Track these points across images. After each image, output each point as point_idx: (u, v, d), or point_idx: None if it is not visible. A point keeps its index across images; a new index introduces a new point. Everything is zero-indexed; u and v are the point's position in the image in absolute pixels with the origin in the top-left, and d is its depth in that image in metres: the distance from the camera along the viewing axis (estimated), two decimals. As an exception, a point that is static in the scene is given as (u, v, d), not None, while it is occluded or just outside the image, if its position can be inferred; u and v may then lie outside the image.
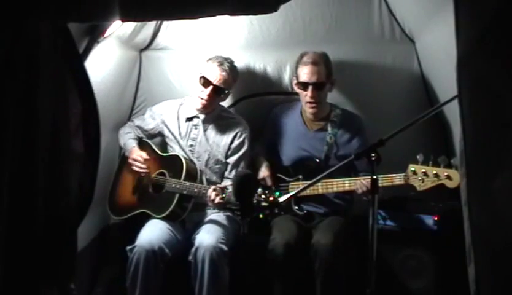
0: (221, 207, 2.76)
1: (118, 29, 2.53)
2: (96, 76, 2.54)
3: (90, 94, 1.80)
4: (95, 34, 2.16)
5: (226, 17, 1.89)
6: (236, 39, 3.24)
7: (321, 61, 2.83)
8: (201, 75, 2.86)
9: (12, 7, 1.57)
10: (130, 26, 2.79)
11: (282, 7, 1.74)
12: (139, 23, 2.86)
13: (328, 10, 3.13)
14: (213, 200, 2.64)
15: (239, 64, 3.25)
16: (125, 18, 1.75)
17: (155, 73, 3.35)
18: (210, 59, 2.91)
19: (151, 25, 3.12)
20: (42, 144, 1.66)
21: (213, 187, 2.68)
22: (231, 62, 2.91)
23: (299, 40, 3.18)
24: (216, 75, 2.83)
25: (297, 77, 2.87)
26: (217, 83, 2.84)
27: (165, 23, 3.20)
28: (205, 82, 2.84)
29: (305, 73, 2.81)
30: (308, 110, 2.88)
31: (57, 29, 1.69)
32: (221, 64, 2.85)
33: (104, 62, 2.71)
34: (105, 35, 2.32)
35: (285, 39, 3.21)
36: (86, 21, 1.93)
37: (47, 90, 1.66)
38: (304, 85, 2.82)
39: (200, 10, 1.71)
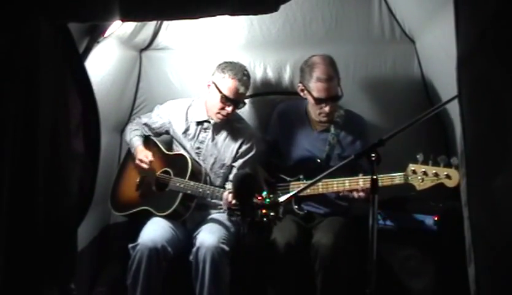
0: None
1: (118, 29, 2.53)
2: (96, 76, 2.54)
3: (90, 94, 1.80)
4: (95, 34, 2.16)
5: (226, 17, 1.89)
6: (236, 39, 3.24)
7: (334, 72, 2.78)
8: (222, 94, 2.78)
9: (12, 7, 1.57)
10: (130, 26, 2.79)
11: (282, 7, 1.74)
12: (139, 23, 2.86)
13: (328, 10, 3.13)
14: (230, 202, 2.60)
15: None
16: (125, 18, 1.75)
17: (155, 73, 3.35)
18: (223, 69, 2.82)
19: (151, 25, 3.12)
20: (42, 144, 1.66)
21: (228, 190, 2.66)
22: (247, 72, 2.86)
23: (299, 40, 3.19)
24: (236, 92, 2.78)
25: (308, 89, 2.80)
26: (237, 99, 2.81)
27: (165, 23, 3.20)
28: (226, 100, 2.79)
29: (321, 90, 2.75)
30: (322, 119, 2.86)
31: (57, 29, 1.69)
32: (241, 80, 2.78)
33: (104, 62, 2.71)
34: (105, 35, 2.32)
35: (285, 39, 3.21)
36: (86, 21, 1.93)
37: (47, 90, 1.66)
38: (320, 100, 2.79)
39: (200, 10, 1.71)
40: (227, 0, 1.67)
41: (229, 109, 2.81)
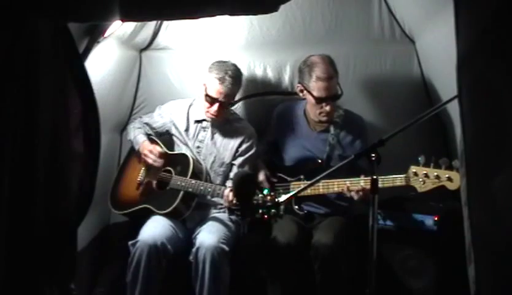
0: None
1: (118, 29, 2.53)
2: (96, 76, 2.54)
3: (90, 94, 1.80)
4: (95, 34, 2.16)
5: (226, 17, 1.89)
6: (236, 39, 3.24)
7: (333, 71, 2.78)
8: (206, 93, 2.83)
9: (12, 7, 1.56)
10: (130, 26, 2.79)
11: (282, 7, 1.74)
12: (139, 23, 2.86)
13: (328, 10, 3.13)
14: (231, 201, 2.61)
15: (239, 64, 3.25)
16: (125, 18, 1.75)
17: (155, 73, 3.35)
18: (211, 69, 2.85)
19: (151, 25, 3.12)
20: (42, 144, 1.66)
21: (230, 187, 2.66)
22: (233, 72, 2.84)
23: (299, 40, 3.19)
24: (219, 93, 2.80)
25: (308, 89, 2.80)
26: (222, 100, 2.82)
27: (165, 23, 3.20)
28: (211, 100, 2.83)
29: (321, 89, 2.74)
30: (322, 119, 2.86)
31: (57, 29, 1.69)
32: (222, 80, 2.79)
33: (104, 62, 2.71)
34: (105, 35, 2.32)
35: (285, 39, 3.21)
36: (86, 21, 1.92)
37: (47, 90, 1.66)
38: (321, 100, 2.78)
39: (200, 10, 1.71)
40: (227, 0, 1.67)
41: (214, 108, 2.82)
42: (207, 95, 2.84)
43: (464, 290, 1.54)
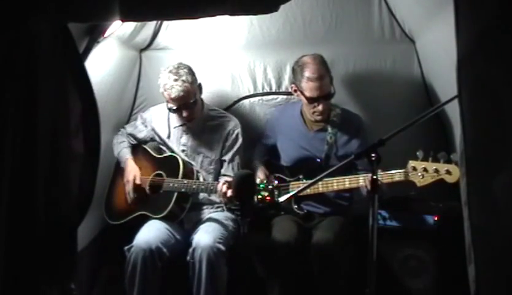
0: (231, 201, 2.66)
1: (118, 29, 2.53)
2: (96, 76, 2.54)
3: (90, 94, 1.80)
4: (95, 34, 2.16)
5: (226, 17, 1.89)
6: (236, 39, 3.24)
7: (325, 71, 2.78)
8: (168, 107, 2.85)
9: (12, 7, 1.57)
10: (130, 26, 2.79)
11: (282, 7, 1.74)
12: (139, 23, 2.86)
13: (328, 10, 3.13)
14: (225, 193, 2.60)
15: (239, 64, 3.25)
16: (125, 18, 1.76)
17: (155, 73, 3.33)
18: (159, 84, 2.83)
19: (151, 25, 3.12)
20: (42, 144, 1.66)
21: (222, 181, 2.66)
22: (175, 74, 2.79)
23: (299, 40, 3.18)
24: (176, 99, 2.78)
25: (300, 89, 2.80)
26: (185, 102, 2.79)
27: (165, 23, 3.20)
28: (176, 110, 2.83)
29: (312, 89, 2.74)
30: (316, 118, 2.86)
31: (57, 29, 1.69)
32: (171, 87, 2.75)
33: (104, 62, 2.71)
34: (105, 35, 2.32)
35: (285, 39, 3.21)
36: (86, 21, 1.93)
37: (47, 90, 1.66)
38: (313, 100, 2.78)
39: (200, 10, 1.71)
40: (227, 0, 1.67)
41: (185, 114, 2.82)
42: (170, 109, 2.84)
43: (464, 290, 1.54)
